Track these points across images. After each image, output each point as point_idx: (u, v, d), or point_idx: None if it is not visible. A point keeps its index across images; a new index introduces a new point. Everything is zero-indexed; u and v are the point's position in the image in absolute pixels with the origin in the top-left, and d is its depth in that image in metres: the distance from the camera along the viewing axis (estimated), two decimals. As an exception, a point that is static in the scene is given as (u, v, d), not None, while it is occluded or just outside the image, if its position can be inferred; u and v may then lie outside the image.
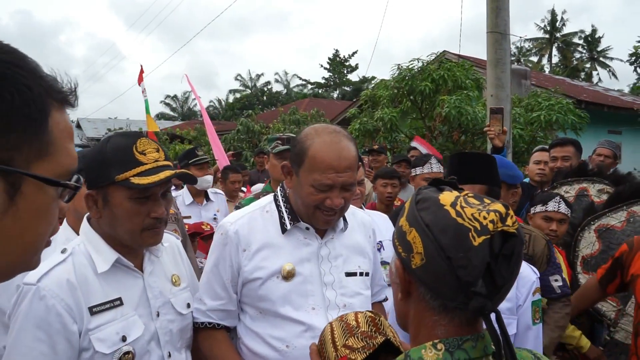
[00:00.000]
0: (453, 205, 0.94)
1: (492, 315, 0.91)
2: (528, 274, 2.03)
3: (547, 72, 34.36)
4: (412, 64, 9.63)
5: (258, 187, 4.79)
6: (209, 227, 3.98)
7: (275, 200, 1.80)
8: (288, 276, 1.68)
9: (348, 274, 1.75)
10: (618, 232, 2.88)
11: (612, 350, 2.69)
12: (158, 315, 1.61)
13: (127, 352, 1.49)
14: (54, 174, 0.70)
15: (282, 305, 1.67)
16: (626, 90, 27.31)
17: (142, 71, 10.79)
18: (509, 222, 0.91)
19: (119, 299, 1.52)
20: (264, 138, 13.81)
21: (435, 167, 3.65)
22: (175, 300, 1.68)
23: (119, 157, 1.51)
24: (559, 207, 2.84)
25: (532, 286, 2.02)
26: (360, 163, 2.78)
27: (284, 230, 1.72)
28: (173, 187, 6.56)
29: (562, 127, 8.97)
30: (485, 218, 0.90)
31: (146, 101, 10.29)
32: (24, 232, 0.69)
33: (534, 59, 39.99)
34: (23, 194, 0.66)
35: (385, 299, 2.06)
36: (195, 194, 4.54)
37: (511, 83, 12.73)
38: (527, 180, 4.86)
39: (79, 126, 34.83)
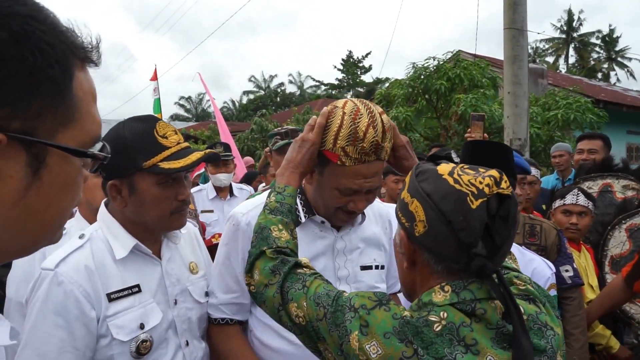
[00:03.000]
0: (450, 174, 1.00)
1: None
2: (543, 269, 2.03)
3: (563, 72, 33.96)
4: (427, 63, 9.53)
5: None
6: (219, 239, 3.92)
7: None
8: None
9: (363, 268, 1.67)
10: (650, 233, 2.76)
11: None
12: (176, 303, 1.58)
13: (145, 340, 1.46)
14: (80, 142, 0.63)
15: None
16: (645, 90, 26.83)
17: (155, 71, 10.84)
18: (503, 185, 0.98)
19: (137, 285, 1.49)
20: (277, 138, 13.79)
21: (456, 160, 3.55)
22: (193, 288, 1.65)
23: (142, 143, 1.46)
24: (577, 199, 2.76)
25: (547, 282, 2.01)
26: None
27: (297, 223, 1.62)
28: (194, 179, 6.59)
29: (580, 126, 8.80)
30: (481, 183, 0.97)
31: (156, 100, 10.31)
32: (48, 207, 0.62)
33: (550, 59, 39.55)
34: (48, 167, 0.60)
35: (400, 291, 1.98)
36: (219, 189, 4.48)
37: (528, 82, 12.58)
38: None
39: (94, 127, 35.22)
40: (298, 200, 1.66)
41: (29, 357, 1.32)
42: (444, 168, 1.03)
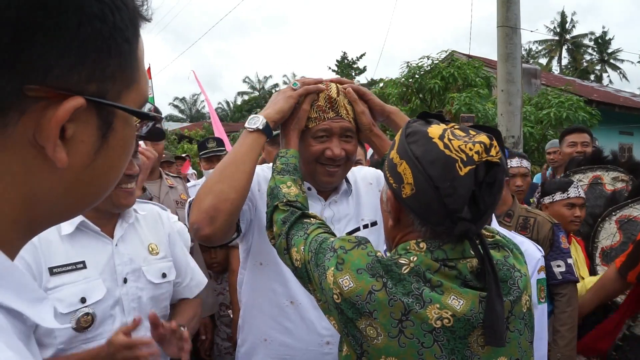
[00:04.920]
0: (441, 137, 0.99)
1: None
2: (532, 251, 2.02)
3: (556, 74, 34.13)
4: (421, 62, 9.56)
5: None
6: None
7: None
8: None
9: (350, 232, 1.67)
10: (640, 224, 2.77)
11: (632, 345, 2.56)
12: (125, 281, 1.59)
13: (87, 314, 1.48)
14: (138, 103, 0.61)
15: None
16: (638, 92, 27.04)
17: (149, 69, 10.82)
18: (492, 152, 0.98)
19: (82, 262, 1.50)
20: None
21: None
22: (147, 269, 1.65)
23: None
24: (579, 192, 2.76)
25: (537, 264, 2.01)
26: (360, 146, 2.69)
27: None
28: (192, 173, 6.60)
29: (572, 124, 8.85)
30: (471, 149, 0.96)
31: (150, 99, 10.29)
32: (111, 169, 0.61)
33: (544, 61, 39.73)
34: (114, 130, 0.58)
35: None
36: None
37: (521, 82, 12.62)
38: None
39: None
40: None
41: None
42: (434, 131, 1.02)
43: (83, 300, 1.47)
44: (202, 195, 1.45)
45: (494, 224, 2.06)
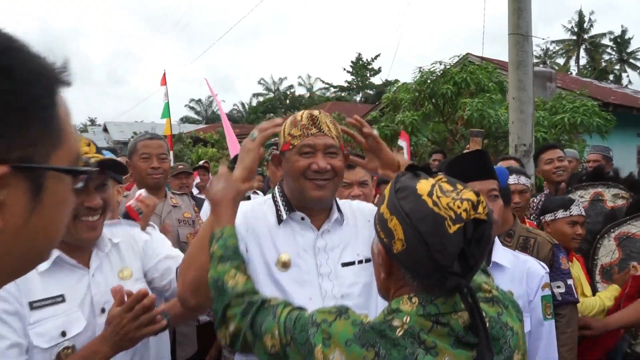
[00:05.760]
0: (430, 194, 1.03)
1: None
2: (537, 269, 2.06)
3: (574, 74, 33.68)
4: (433, 67, 9.56)
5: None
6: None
7: (273, 196, 1.82)
8: (284, 266, 1.68)
9: (345, 264, 1.72)
10: (639, 241, 2.79)
11: (634, 363, 2.60)
12: (103, 311, 1.60)
13: (68, 347, 1.51)
14: (68, 161, 0.66)
15: (279, 294, 1.66)
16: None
17: (164, 75, 10.98)
18: (480, 209, 1.02)
19: (61, 295, 1.54)
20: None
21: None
22: None
23: None
24: (581, 210, 2.79)
25: (541, 281, 2.05)
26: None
27: (280, 220, 1.73)
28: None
29: (587, 130, 8.77)
30: (459, 207, 1.01)
31: (165, 105, 10.44)
32: (48, 226, 0.66)
33: (561, 61, 39.28)
34: (46, 189, 0.63)
35: None
36: None
37: (535, 86, 12.49)
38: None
39: (105, 130, 35.57)
40: (279, 200, 1.76)
41: None
42: (423, 187, 1.05)
43: (64, 333, 1.50)
44: (185, 269, 1.53)
45: (497, 244, 2.11)
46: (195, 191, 6.93)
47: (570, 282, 2.44)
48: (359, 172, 2.71)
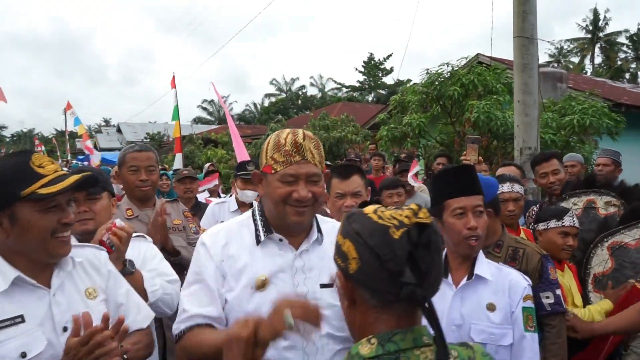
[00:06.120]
0: (375, 212, 1.11)
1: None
2: (519, 280, 2.09)
3: (589, 73, 33.25)
4: (441, 69, 9.52)
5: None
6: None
7: (253, 214, 1.84)
8: (262, 286, 1.70)
9: (323, 286, 1.73)
10: (632, 250, 2.78)
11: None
12: (65, 329, 1.61)
13: None
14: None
15: (256, 314, 1.67)
16: (674, 91, 26.07)
17: (174, 78, 11.09)
18: (421, 215, 1.07)
19: (21, 316, 1.54)
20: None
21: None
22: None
23: (18, 174, 1.55)
24: (574, 221, 2.77)
25: (523, 292, 2.06)
26: (361, 174, 2.77)
27: (258, 241, 1.75)
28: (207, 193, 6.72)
29: (597, 132, 8.67)
30: (401, 215, 1.08)
31: (175, 107, 10.55)
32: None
33: (576, 59, 38.79)
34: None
35: None
36: (241, 204, 4.53)
37: (546, 86, 12.39)
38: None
39: (119, 130, 35.93)
40: (259, 220, 1.78)
41: None
42: (369, 209, 1.13)
43: (24, 354, 1.50)
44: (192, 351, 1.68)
45: (481, 257, 2.12)
46: (206, 195, 6.99)
47: (558, 292, 2.44)
48: (353, 183, 2.72)
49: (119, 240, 2.10)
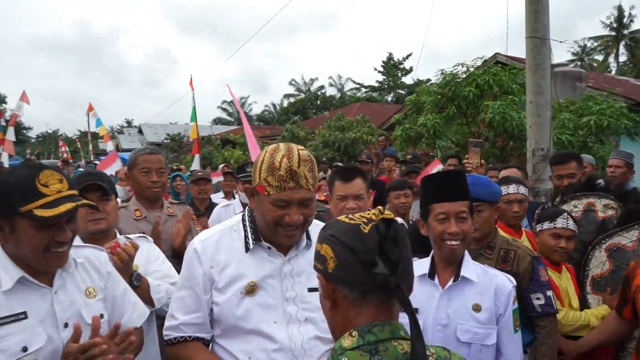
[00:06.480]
0: (346, 216, 1.23)
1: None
2: (504, 283, 2.12)
3: (613, 71, 32.61)
4: (456, 69, 9.49)
5: None
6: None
7: (243, 220, 1.90)
8: (251, 291, 1.77)
9: (311, 289, 1.78)
10: (629, 252, 2.77)
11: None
12: (66, 325, 1.71)
13: None
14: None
15: (245, 320, 1.76)
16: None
17: (191, 80, 11.27)
18: (386, 213, 1.19)
19: (24, 312, 1.64)
20: (308, 144, 13.98)
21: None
22: (86, 312, 1.79)
23: (22, 189, 1.62)
24: (567, 223, 2.79)
25: (511, 295, 2.10)
26: (363, 178, 2.81)
27: (247, 249, 1.82)
28: (222, 196, 6.81)
29: (615, 132, 8.54)
30: (368, 214, 1.19)
31: (193, 109, 10.73)
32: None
33: (600, 57, 38.06)
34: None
35: None
36: (246, 205, 4.61)
37: (565, 86, 12.20)
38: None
39: (140, 131, 36.47)
40: (248, 227, 1.85)
41: None
42: (340, 217, 1.25)
43: (25, 349, 1.60)
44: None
45: (467, 260, 2.17)
46: (221, 195, 7.09)
47: (549, 293, 2.46)
48: (355, 186, 2.76)
49: (120, 262, 2.16)
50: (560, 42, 8.37)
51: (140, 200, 3.16)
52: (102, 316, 1.85)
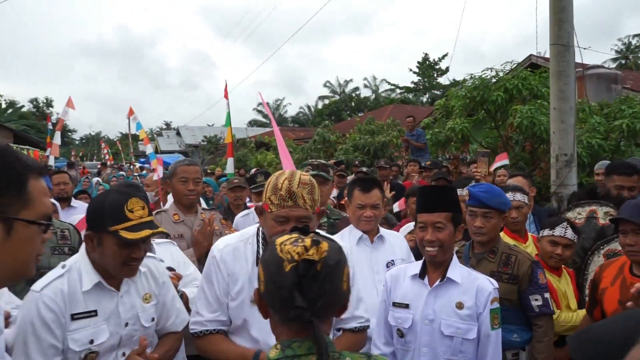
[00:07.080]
0: (281, 243, 1.29)
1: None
2: (485, 285, 2.35)
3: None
4: (484, 74, 9.56)
5: None
6: None
7: (257, 233, 2.17)
8: None
9: None
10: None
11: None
12: (126, 325, 2.07)
13: (92, 352, 1.98)
14: (36, 217, 1.21)
15: (250, 327, 2.07)
16: None
17: (226, 86, 11.66)
18: (311, 252, 1.25)
19: (95, 311, 2.00)
20: (339, 148, 14.21)
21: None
22: (142, 315, 2.15)
23: (113, 211, 1.97)
24: (565, 232, 2.97)
25: (490, 296, 2.32)
26: (380, 189, 3.06)
27: (257, 262, 2.07)
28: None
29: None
30: (294, 251, 1.25)
31: (227, 114, 11.13)
32: (16, 254, 1.20)
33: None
34: (15, 230, 1.18)
35: (357, 329, 2.20)
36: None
37: (600, 88, 12.00)
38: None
39: (178, 134, 37.43)
40: (260, 243, 2.12)
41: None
42: (282, 239, 1.32)
43: (91, 341, 1.96)
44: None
45: (454, 263, 2.41)
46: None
47: (547, 295, 2.67)
48: (373, 196, 3.03)
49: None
50: (584, 49, 8.29)
51: (178, 205, 3.52)
52: (152, 319, 2.19)
